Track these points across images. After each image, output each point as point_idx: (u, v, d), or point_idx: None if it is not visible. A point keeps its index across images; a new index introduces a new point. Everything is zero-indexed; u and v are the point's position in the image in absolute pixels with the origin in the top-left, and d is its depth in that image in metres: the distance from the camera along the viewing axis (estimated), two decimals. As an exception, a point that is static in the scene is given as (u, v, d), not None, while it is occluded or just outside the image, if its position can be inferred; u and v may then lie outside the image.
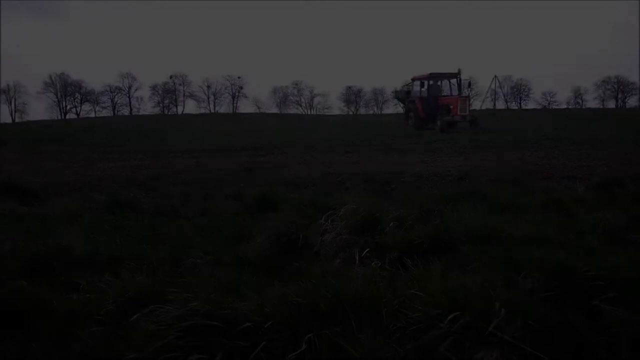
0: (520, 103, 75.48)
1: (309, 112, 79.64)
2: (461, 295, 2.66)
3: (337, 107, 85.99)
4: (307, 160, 12.29)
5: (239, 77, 76.96)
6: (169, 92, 76.60)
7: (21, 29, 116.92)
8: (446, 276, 3.24)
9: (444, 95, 25.14)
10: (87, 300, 3.21)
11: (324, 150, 14.58)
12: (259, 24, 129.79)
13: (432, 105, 24.34)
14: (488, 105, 67.22)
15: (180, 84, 76.41)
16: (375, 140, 17.54)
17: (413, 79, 27.14)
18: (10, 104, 74.66)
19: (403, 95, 28.94)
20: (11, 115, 73.18)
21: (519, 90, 76.29)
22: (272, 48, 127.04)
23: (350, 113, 79.23)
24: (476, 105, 67.20)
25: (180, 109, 75.46)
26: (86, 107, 76.10)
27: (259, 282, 3.36)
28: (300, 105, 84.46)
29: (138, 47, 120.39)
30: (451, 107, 23.33)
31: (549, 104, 74.43)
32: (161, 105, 76.23)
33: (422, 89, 25.87)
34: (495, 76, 65.42)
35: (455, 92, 24.77)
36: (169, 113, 70.73)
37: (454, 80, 25.17)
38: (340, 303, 2.83)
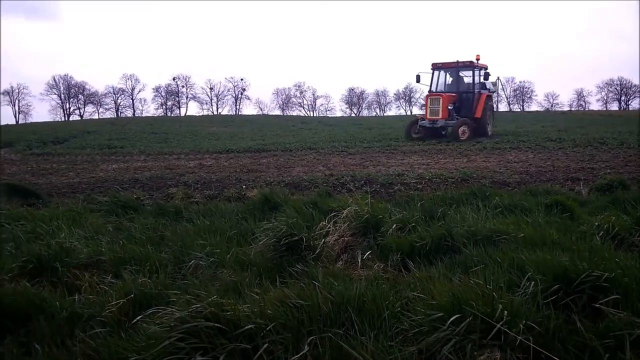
0: (522, 105, 75.36)
1: (311, 114, 79.74)
2: (464, 298, 2.65)
3: (339, 109, 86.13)
4: (310, 162, 12.28)
5: (241, 79, 77.23)
6: (172, 94, 76.89)
7: (22, 30, 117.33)
8: (449, 278, 3.23)
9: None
10: (89, 302, 3.22)
11: (326, 152, 14.56)
12: (262, 26, 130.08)
13: None
14: (491, 107, 67.17)
15: (183, 86, 76.70)
16: (378, 142, 17.52)
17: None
18: (14, 105, 75.06)
19: None
20: (15, 117, 73.53)
21: (522, 92, 76.21)
22: (275, 49, 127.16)
23: (353, 115, 79.30)
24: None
25: (183, 111, 75.75)
26: (90, 108, 76.49)
27: (261, 284, 3.36)
28: (303, 107, 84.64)
29: (141, 49, 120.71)
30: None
31: (551, 105, 74.36)
32: (164, 107, 76.53)
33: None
34: (498, 78, 65.34)
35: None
36: (172, 115, 70.88)
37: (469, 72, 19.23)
38: (342, 305, 2.83)
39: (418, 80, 19.11)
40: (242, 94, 76.67)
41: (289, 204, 5.64)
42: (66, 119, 71.39)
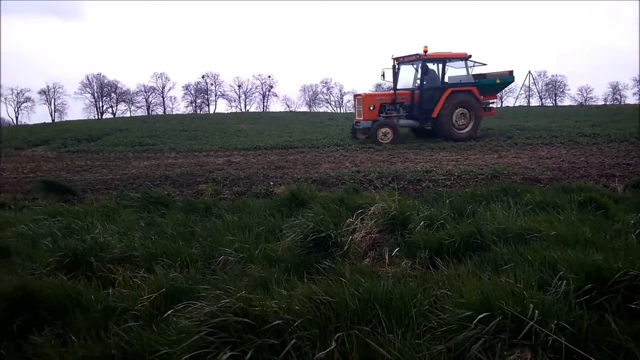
0: (555, 99, 73.45)
1: (338, 111, 79.59)
2: (494, 296, 2.62)
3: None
4: (337, 159, 12.28)
5: (269, 76, 77.60)
6: (201, 92, 77.93)
7: (54, 30, 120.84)
8: (478, 277, 3.20)
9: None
10: (123, 296, 3.31)
11: (353, 149, 14.53)
12: (289, 23, 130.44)
13: None
14: (522, 102, 65.79)
15: (212, 84, 77.62)
16: (405, 137, 17.37)
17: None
18: (50, 104, 77.49)
19: None
20: (51, 115, 75.94)
21: (554, 87, 74.29)
22: (302, 46, 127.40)
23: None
24: (509, 102, 65.99)
25: (212, 109, 76.72)
26: (122, 106, 78.32)
27: (288, 280, 3.39)
28: (330, 104, 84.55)
29: (171, 48, 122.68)
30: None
31: (585, 100, 72.21)
32: (194, 104, 77.66)
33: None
34: (529, 72, 63.93)
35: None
36: (201, 112, 71.89)
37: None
38: (369, 302, 2.83)
39: (383, 77, 16.91)
40: (269, 91, 77.13)
41: (316, 201, 5.66)
42: (99, 117, 73.28)
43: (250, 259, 3.99)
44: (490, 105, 17.30)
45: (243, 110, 74.04)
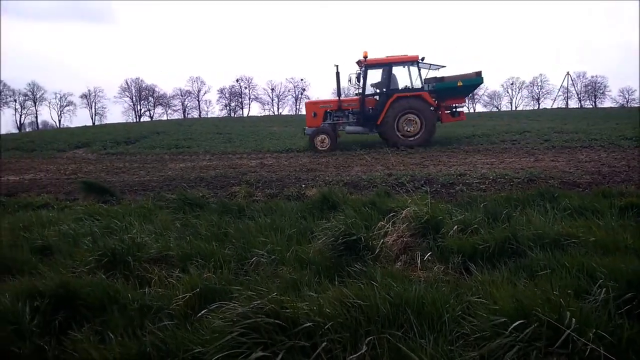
0: (595, 101, 71.05)
1: (371, 113, 79.30)
2: (529, 303, 2.56)
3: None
4: (368, 161, 12.24)
5: (301, 79, 78.11)
6: (235, 95, 79.11)
7: (92, 35, 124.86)
8: (513, 283, 3.13)
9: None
10: (158, 295, 3.39)
11: (385, 151, 14.45)
12: (320, 26, 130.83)
13: None
14: (560, 104, 64.02)
15: (245, 87, 78.70)
16: (439, 140, 17.16)
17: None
18: (91, 108, 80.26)
19: None
20: (91, 118, 78.67)
21: (594, 88, 71.88)
22: (333, 49, 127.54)
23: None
24: (547, 104, 64.28)
25: (245, 112, 77.74)
26: (159, 110, 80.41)
27: (319, 283, 3.41)
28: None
29: (206, 52, 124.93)
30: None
31: (627, 101, 69.56)
32: (228, 107, 78.87)
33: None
34: (568, 73, 62.24)
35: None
36: (235, 115, 72.92)
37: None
38: (401, 307, 2.81)
39: (350, 81, 16.58)
40: (302, 94, 77.51)
41: (348, 204, 5.67)
42: (137, 120, 75.41)
43: (281, 260, 4.02)
44: (459, 110, 16.45)
45: (276, 113, 74.76)
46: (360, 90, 16.01)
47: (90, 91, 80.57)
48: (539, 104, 76.71)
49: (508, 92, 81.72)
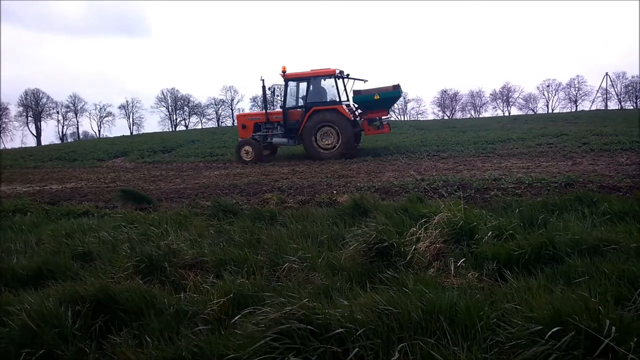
0: (636, 102, 68.44)
1: (402, 118, 78.83)
2: (566, 311, 2.50)
3: (431, 112, 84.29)
4: (400, 167, 12.15)
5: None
6: (267, 103, 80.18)
7: (129, 48, 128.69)
8: (549, 290, 3.06)
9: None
10: (193, 300, 3.46)
11: (417, 157, 14.32)
12: (350, 30, 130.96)
13: None
14: (599, 105, 61.97)
15: (277, 95, 79.56)
16: (472, 145, 16.88)
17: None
18: (129, 118, 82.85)
19: None
20: (129, 128, 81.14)
21: (635, 89, 69.29)
22: (364, 54, 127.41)
23: (446, 117, 77.22)
24: (585, 106, 62.27)
25: (278, 119, 78.57)
26: (194, 119, 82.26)
27: (351, 289, 3.41)
28: (393, 112, 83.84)
29: (238, 61, 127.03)
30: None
31: (672, 102, 66.73)
32: (261, 115, 80.00)
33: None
34: (607, 74, 60.28)
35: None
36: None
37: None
38: (434, 314, 2.79)
39: (273, 93, 16.99)
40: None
41: (379, 210, 5.65)
42: (173, 129, 77.28)
43: (313, 267, 4.04)
44: (383, 122, 16.29)
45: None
46: (282, 103, 16.58)
47: (128, 102, 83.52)
48: (576, 106, 74.57)
49: (544, 95, 79.90)
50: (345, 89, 16.40)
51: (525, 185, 8.05)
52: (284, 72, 15.95)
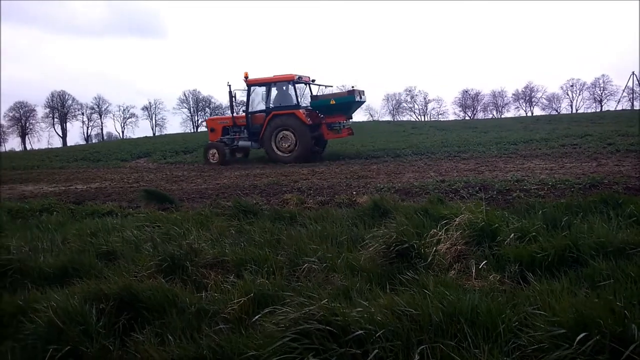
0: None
1: (422, 119, 78.33)
2: (590, 315, 2.45)
3: (452, 113, 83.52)
4: (420, 168, 12.07)
5: (352, 87, 78.10)
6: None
7: (151, 50, 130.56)
8: (573, 293, 3.01)
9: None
10: (214, 299, 3.50)
11: (438, 157, 14.21)
12: (372, 32, 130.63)
13: None
14: (625, 105, 60.56)
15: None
16: (494, 145, 16.66)
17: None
18: (152, 119, 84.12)
19: None
20: (152, 129, 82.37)
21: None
22: (385, 55, 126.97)
23: (467, 118, 76.43)
24: (611, 105, 60.84)
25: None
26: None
27: (371, 290, 3.40)
28: (414, 112, 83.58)
29: (257, 62, 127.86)
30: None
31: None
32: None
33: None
34: (633, 73, 58.88)
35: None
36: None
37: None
38: (454, 316, 2.76)
39: (234, 98, 17.18)
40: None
41: (399, 211, 5.62)
42: (195, 130, 78.12)
43: (332, 267, 4.05)
44: (342, 127, 16.77)
45: (327, 120, 75.14)
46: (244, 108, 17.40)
47: (150, 103, 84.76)
48: (601, 106, 73.00)
49: (568, 95, 78.42)
50: (311, 94, 17.18)
51: (549, 186, 7.91)
52: (246, 77, 16.62)
